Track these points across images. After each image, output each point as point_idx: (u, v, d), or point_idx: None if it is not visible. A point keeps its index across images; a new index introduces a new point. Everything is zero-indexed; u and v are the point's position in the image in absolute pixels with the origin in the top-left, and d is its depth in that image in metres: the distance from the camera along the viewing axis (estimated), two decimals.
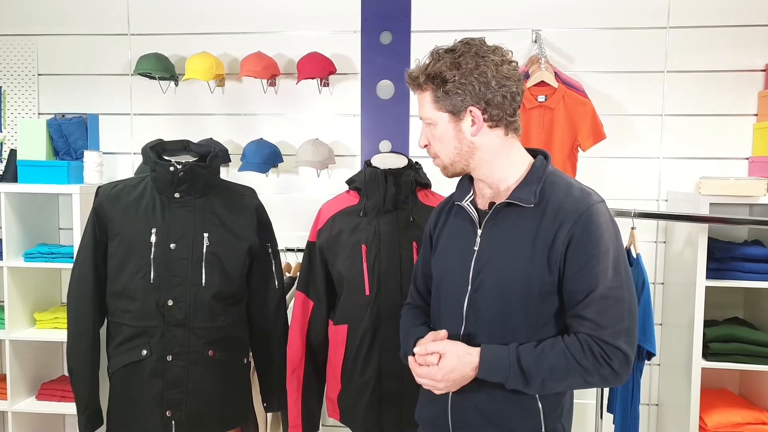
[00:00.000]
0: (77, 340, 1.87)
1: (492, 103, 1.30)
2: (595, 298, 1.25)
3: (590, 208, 1.28)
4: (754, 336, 2.35)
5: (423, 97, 1.37)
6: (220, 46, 2.80)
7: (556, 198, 1.31)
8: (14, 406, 2.67)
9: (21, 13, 2.91)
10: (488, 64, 1.29)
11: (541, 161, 1.38)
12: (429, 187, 1.99)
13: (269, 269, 2.01)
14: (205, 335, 1.84)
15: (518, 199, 1.32)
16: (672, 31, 2.62)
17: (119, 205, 1.85)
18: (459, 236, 1.43)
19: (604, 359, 1.24)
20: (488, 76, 1.28)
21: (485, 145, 1.34)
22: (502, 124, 1.33)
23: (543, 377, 1.26)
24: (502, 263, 1.33)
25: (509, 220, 1.34)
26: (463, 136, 1.34)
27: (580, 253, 1.26)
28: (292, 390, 1.97)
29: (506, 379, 1.28)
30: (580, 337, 1.26)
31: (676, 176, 2.66)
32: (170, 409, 1.82)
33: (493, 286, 1.33)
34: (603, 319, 1.24)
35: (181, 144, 1.95)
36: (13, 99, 2.94)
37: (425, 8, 2.73)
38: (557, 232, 1.28)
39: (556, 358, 1.25)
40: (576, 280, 1.27)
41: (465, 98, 1.30)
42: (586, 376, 1.26)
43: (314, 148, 2.63)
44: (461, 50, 1.30)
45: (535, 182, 1.33)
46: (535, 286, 1.29)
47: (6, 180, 2.72)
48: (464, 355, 1.30)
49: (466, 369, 1.30)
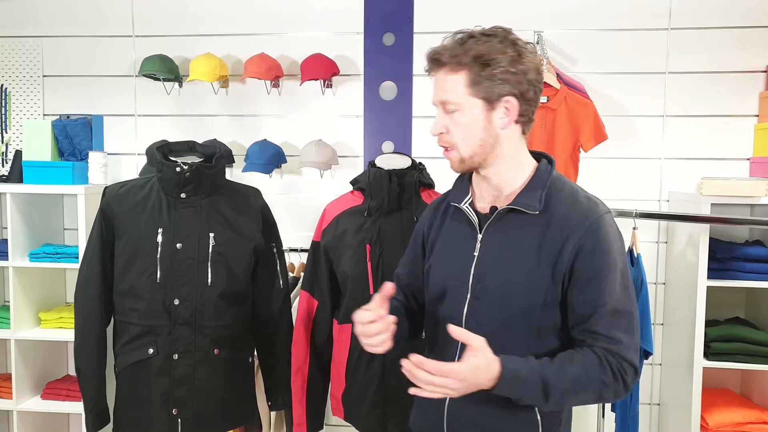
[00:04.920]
0: (84, 339, 1.89)
1: (526, 97, 1.24)
2: (607, 312, 1.21)
3: (599, 219, 1.24)
4: (755, 336, 2.36)
5: (453, 79, 1.24)
6: (223, 48, 2.81)
7: (563, 206, 1.26)
8: (19, 405, 2.68)
9: (26, 15, 2.93)
10: (528, 55, 1.23)
11: (546, 166, 1.32)
12: (432, 188, 2.01)
13: (274, 269, 2.02)
14: (211, 334, 1.85)
15: (523, 206, 1.27)
16: (673, 32, 2.63)
17: (126, 205, 1.87)
18: (457, 240, 1.36)
19: (621, 374, 1.20)
20: (528, 67, 1.22)
21: (507, 140, 1.27)
22: (524, 121, 1.27)
23: (563, 392, 1.19)
24: (504, 271, 1.27)
25: (512, 226, 1.28)
26: (492, 127, 1.25)
27: (589, 265, 1.22)
28: (296, 389, 1.99)
29: (523, 395, 1.18)
30: (598, 351, 1.20)
31: (678, 177, 2.67)
32: (176, 407, 1.83)
33: (494, 294, 1.28)
34: (617, 334, 1.21)
35: (186, 145, 1.97)
36: (19, 100, 2.95)
37: (428, 10, 2.74)
38: (565, 243, 1.23)
39: (577, 374, 1.19)
40: (584, 292, 1.22)
41: (505, 87, 1.22)
42: (603, 390, 1.21)
43: (317, 149, 2.64)
44: (502, 36, 1.23)
45: (540, 188, 1.28)
46: (539, 296, 1.24)
47: (11, 181, 2.74)
48: (492, 361, 1.16)
49: (489, 376, 1.16)
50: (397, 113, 2.78)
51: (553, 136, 2.50)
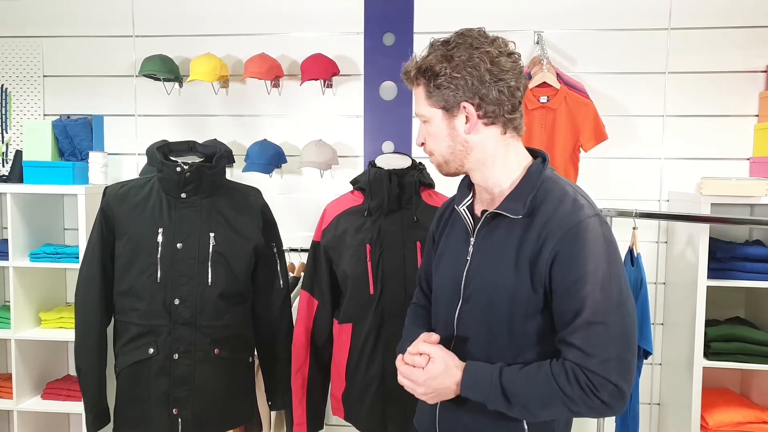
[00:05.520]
0: (84, 338, 1.89)
1: (487, 98, 1.20)
2: (582, 323, 1.14)
3: (579, 223, 1.17)
4: (755, 335, 2.36)
5: (417, 93, 1.28)
6: (224, 48, 2.81)
7: (546, 209, 1.21)
8: (19, 405, 2.68)
9: (26, 15, 2.93)
10: (482, 56, 1.19)
11: (537, 166, 1.27)
12: (433, 187, 2.01)
13: (274, 269, 2.02)
14: (211, 334, 1.85)
15: (507, 210, 1.24)
16: (673, 32, 2.64)
17: (126, 205, 1.87)
18: (455, 243, 1.36)
19: (592, 391, 1.13)
20: (482, 69, 1.19)
21: (480, 144, 1.25)
22: (500, 122, 1.24)
23: (525, 402, 1.18)
24: (489, 277, 1.25)
25: (498, 231, 1.26)
26: (457, 134, 1.25)
27: (566, 272, 1.16)
28: (296, 388, 1.99)
29: (487, 399, 1.20)
30: (567, 365, 1.16)
31: (678, 177, 2.67)
32: (177, 407, 1.83)
33: (480, 301, 1.27)
34: (589, 347, 1.14)
35: (187, 145, 1.97)
36: (19, 100, 2.96)
37: (428, 10, 2.75)
38: (542, 248, 1.18)
39: (539, 384, 1.17)
40: (562, 301, 1.18)
41: (457, 93, 1.21)
42: (570, 405, 1.16)
43: (318, 149, 2.64)
44: (455, 42, 1.22)
45: (528, 190, 1.23)
46: (520, 304, 1.21)
47: (12, 181, 2.74)
48: (452, 366, 1.23)
49: (449, 381, 1.23)
50: (397, 113, 2.79)
51: (553, 136, 2.51)
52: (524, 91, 1.26)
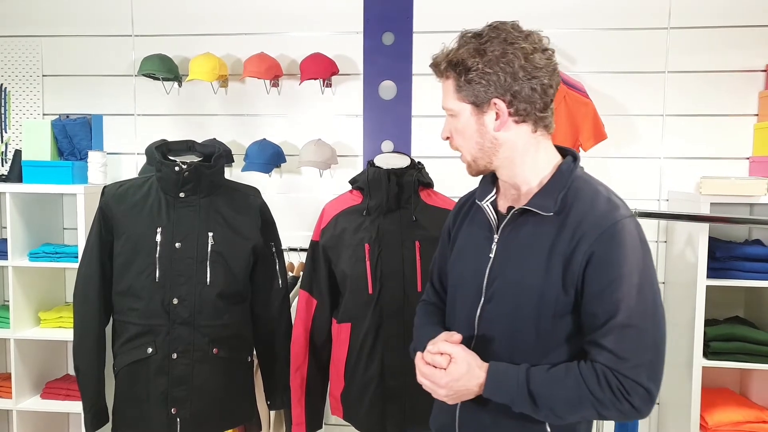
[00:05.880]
0: (83, 338, 1.89)
1: (519, 95, 1.17)
2: (616, 326, 1.12)
3: (616, 224, 1.14)
4: (754, 335, 2.36)
5: (445, 86, 1.24)
6: (223, 47, 2.81)
7: (579, 208, 1.18)
8: (19, 404, 2.68)
9: (26, 14, 2.93)
10: (517, 51, 1.15)
11: (569, 164, 1.25)
12: (431, 187, 2.01)
13: (273, 268, 2.02)
14: (210, 333, 1.85)
15: (537, 206, 1.20)
16: (673, 31, 2.63)
17: (125, 204, 1.87)
18: (476, 239, 1.32)
19: (623, 394, 1.11)
20: (515, 65, 1.15)
21: (510, 142, 1.21)
22: (530, 120, 1.20)
23: (552, 404, 1.15)
24: (515, 276, 1.22)
25: (526, 228, 1.22)
26: (486, 131, 1.21)
27: (601, 274, 1.13)
28: (295, 388, 1.99)
29: (512, 401, 1.17)
30: (597, 367, 1.13)
31: (677, 176, 2.67)
32: (175, 407, 1.83)
33: (504, 300, 1.23)
34: (623, 351, 1.12)
35: (185, 144, 1.97)
36: (18, 100, 2.96)
37: (427, 9, 2.75)
38: (576, 248, 1.15)
39: (568, 386, 1.14)
40: (595, 304, 1.14)
41: (489, 89, 1.17)
42: (600, 408, 1.14)
43: (317, 149, 2.64)
44: (488, 35, 1.18)
45: (559, 188, 1.21)
46: (548, 305, 1.18)
47: (11, 180, 2.74)
48: (475, 368, 1.20)
49: (472, 383, 1.20)
50: (396, 113, 2.78)
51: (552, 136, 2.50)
52: (557, 89, 1.23)
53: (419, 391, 1.85)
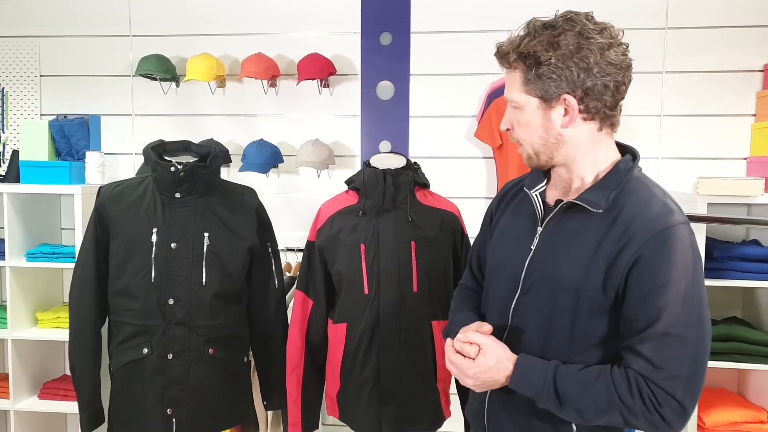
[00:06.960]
0: (79, 338, 1.89)
1: (591, 92, 1.12)
2: (655, 333, 1.07)
3: (668, 229, 1.09)
4: (752, 335, 2.36)
5: (512, 77, 1.18)
6: (220, 48, 2.81)
7: (632, 208, 1.13)
8: (16, 405, 2.69)
9: (23, 14, 2.93)
10: (592, 47, 1.11)
11: (626, 162, 1.20)
12: (427, 187, 2.00)
13: (269, 269, 2.02)
14: (206, 334, 1.85)
15: (586, 202, 1.15)
16: (670, 31, 2.63)
17: (120, 205, 1.87)
18: (518, 229, 1.28)
19: (654, 405, 1.07)
20: (590, 61, 1.10)
21: (573, 139, 1.17)
22: (598, 118, 1.16)
23: (579, 406, 1.12)
24: (554, 271, 1.18)
25: (572, 224, 1.18)
26: (551, 126, 1.16)
27: (646, 279, 1.08)
28: (291, 388, 1.98)
29: (538, 397, 1.15)
30: (630, 374, 1.09)
31: (675, 176, 2.67)
32: (171, 407, 1.83)
33: (541, 294, 1.19)
34: (660, 360, 1.07)
35: (182, 144, 1.96)
36: (16, 100, 2.96)
37: (425, 9, 2.75)
38: (623, 249, 1.10)
39: (597, 390, 1.10)
40: (636, 308, 1.10)
41: (560, 84, 1.12)
42: (628, 416, 1.10)
43: (314, 149, 2.64)
44: (562, 27, 1.13)
45: (613, 186, 1.16)
46: (584, 303, 1.14)
47: (8, 180, 2.74)
48: (504, 359, 1.18)
49: (500, 375, 1.18)
50: (394, 113, 2.78)
51: None
52: (628, 86, 1.19)
53: (415, 392, 1.85)
